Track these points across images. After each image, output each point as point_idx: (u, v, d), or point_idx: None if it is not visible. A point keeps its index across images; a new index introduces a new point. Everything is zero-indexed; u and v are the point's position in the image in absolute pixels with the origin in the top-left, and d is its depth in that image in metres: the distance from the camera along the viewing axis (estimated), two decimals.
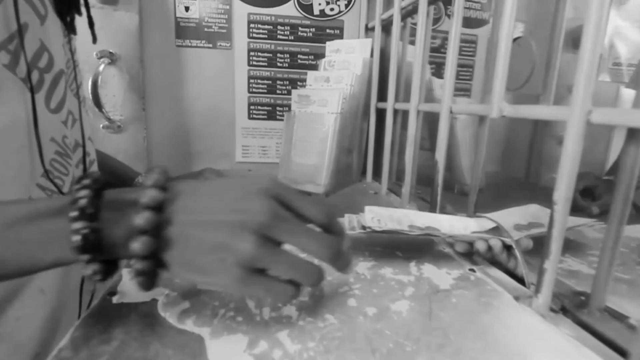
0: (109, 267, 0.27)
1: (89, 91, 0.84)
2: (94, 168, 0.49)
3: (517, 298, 0.37)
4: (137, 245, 0.25)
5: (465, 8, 1.03)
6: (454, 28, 0.51)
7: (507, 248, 0.44)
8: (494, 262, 0.46)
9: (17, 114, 0.37)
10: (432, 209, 0.58)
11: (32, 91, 0.38)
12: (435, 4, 0.68)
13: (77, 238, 0.25)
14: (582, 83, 0.31)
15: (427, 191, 0.74)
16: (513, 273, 0.44)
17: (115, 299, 0.35)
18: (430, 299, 0.37)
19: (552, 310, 0.35)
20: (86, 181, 0.26)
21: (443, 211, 0.60)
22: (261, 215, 0.26)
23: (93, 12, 0.83)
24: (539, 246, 0.45)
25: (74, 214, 0.25)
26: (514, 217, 0.50)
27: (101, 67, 0.84)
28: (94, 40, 0.48)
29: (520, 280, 0.42)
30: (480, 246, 0.43)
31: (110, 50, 0.85)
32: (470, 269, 0.44)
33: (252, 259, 0.26)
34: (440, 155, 0.56)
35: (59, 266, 0.27)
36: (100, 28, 0.84)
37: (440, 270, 0.43)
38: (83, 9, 0.47)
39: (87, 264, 0.26)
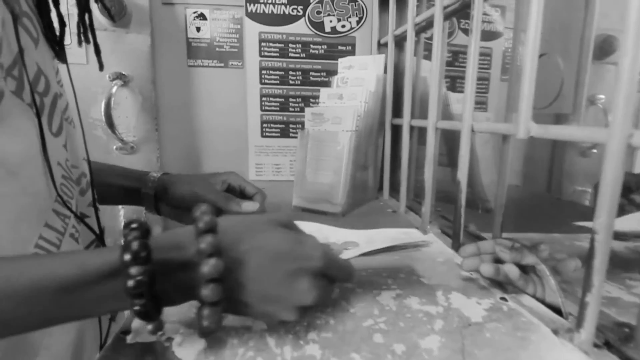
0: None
1: (102, 113, 0.84)
2: (89, 191, 0.48)
3: (555, 331, 0.35)
4: (207, 318, 0.29)
5: None
6: (473, 45, 0.50)
7: (523, 269, 0.41)
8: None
9: (31, 141, 0.37)
10: (456, 230, 0.56)
11: (39, 116, 0.37)
12: (450, 19, 0.67)
13: (136, 308, 0.27)
14: (621, 104, 0.29)
15: (446, 208, 0.71)
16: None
17: (129, 338, 0.34)
18: (462, 334, 0.34)
19: (595, 345, 0.33)
20: (135, 246, 0.27)
21: (466, 230, 0.57)
22: (307, 299, 0.32)
23: (106, 34, 0.84)
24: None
25: (131, 285, 0.26)
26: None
27: (114, 89, 0.84)
28: (101, 67, 0.48)
29: (549, 304, 0.40)
30: (486, 271, 0.41)
31: (123, 72, 0.86)
32: (502, 298, 0.41)
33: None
34: (463, 175, 0.53)
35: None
36: (113, 50, 0.85)
37: (470, 299, 0.41)
38: (90, 36, 0.47)
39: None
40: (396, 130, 0.86)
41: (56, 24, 0.43)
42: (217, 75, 0.95)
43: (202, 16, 0.92)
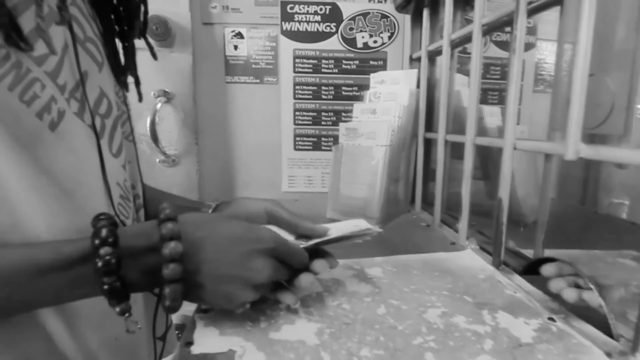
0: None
1: (147, 128, 0.88)
2: (141, 212, 0.50)
3: (608, 354, 0.35)
4: (169, 296, 0.31)
5: (508, 32, 1.01)
6: (516, 65, 0.50)
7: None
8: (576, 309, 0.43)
9: (90, 161, 0.38)
10: (496, 247, 0.56)
11: (97, 137, 0.39)
12: (486, 36, 0.67)
13: (106, 287, 0.29)
14: None
15: (479, 221, 0.71)
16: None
17: (194, 350, 0.36)
18: (513, 355, 0.35)
19: None
20: (104, 233, 0.30)
21: (506, 246, 0.57)
22: (262, 276, 0.35)
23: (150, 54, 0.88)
24: None
25: (100, 264, 0.29)
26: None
27: (158, 105, 0.89)
28: (140, 99, 0.49)
29: (597, 325, 0.39)
30: (570, 296, 0.41)
31: (166, 90, 0.90)
32: (550, 318, 0.41)
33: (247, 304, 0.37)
34: (505, 193, 0.54)
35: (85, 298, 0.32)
36: (158, 69, 0.90)
37: (517, 319, 0.41)
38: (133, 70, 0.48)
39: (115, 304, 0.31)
40: (428, 143, 0.87)
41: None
42: (252, 91, 0.98)
43: (239, 35, 0.95)
